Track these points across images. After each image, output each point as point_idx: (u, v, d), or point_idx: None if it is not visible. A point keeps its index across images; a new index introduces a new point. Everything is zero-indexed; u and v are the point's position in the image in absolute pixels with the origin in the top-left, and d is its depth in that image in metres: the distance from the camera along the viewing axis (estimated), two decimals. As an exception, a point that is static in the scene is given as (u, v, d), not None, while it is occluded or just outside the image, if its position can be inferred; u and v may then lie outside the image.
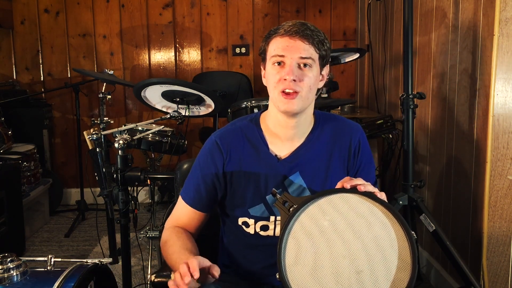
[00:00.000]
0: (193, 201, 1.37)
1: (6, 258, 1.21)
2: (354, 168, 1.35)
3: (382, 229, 1.04)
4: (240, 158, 1.33)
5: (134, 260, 2.73)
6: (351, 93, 4.19)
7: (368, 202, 1.07)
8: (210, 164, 1.34)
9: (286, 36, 1.22)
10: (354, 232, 1.05)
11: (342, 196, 1.08)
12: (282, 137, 1.33)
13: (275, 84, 1.24)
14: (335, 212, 1.07)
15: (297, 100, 1.23)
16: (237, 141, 1.34)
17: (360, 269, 1.03)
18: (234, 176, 1.34)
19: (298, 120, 1.29)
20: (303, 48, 1.21)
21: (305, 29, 1.22)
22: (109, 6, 3.98)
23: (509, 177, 1.85)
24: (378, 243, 1.04)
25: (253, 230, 1.35)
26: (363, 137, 1.38)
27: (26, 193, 3.23)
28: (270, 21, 4.02)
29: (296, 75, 1.21)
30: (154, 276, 1.36)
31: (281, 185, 1.32)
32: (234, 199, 1.35)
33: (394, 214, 1.05)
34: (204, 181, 1.35)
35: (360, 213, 1.06)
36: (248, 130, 1.36)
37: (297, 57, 1.22)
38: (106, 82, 2.96)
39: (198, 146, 4.01)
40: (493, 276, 1.91)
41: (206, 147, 1.37)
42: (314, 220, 1.07)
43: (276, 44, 1.23)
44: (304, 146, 1.33)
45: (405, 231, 1.03)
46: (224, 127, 1.40)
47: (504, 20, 1.77)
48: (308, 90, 1.24)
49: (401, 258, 1.02)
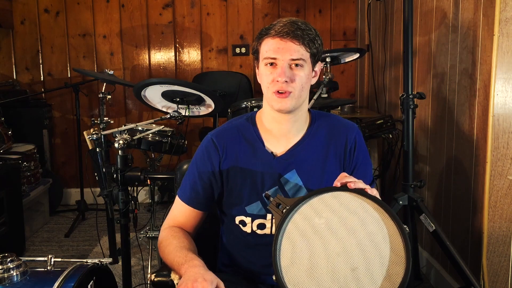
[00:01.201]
0: (189, 199, 1.38)
1: (6, 258, 1.21)
2: (350, 166, 1.36)
3: (375, 225, 1.05)
4: (236, 155, 1.35)
5: (134, 260, 2.73)
6: (351, 93, 4.19)
7: (359, 199, 1.08)
8: (207, 162, 1.36)
9: (277, 38, 1.24)
10: (348, 229, 1.06)
11: (333, 194, 1.09)
12: (277, 134, 1.34)
13: (268, 85, 1.27)
14: (328, 211, 1.08)
15: (290, 99, 1.25)
16: (233, 139, 1.36)
17: (355, 266, 1.03)
18: (230, 174, 1.35)
19: (294, 116, 1.32)
20: (294, 49, 1.23)
21: (295, 29, 1.23)
22: (109, 6, 3.98)
23: (509, 177, 1.85)
24: (371, 239, 1.04)
25: (250, 229, 1.36)
26: (360, 136, 1.39)
27: (26, 193, 3.23)
28: (270, 21, 3.99)
29: (288, 76, 1.24)
30: (154, 276, 1.36)
31: (277, 182, 1.33)
32: (231, 197, 1.36)
33: (385, 209, 1.06)
34: (201, 179, 1.36)
35: (353, 210, 1.07)
36: (244, 128, 1.37)
37: (288, 59, 1.24)
38: (106, 82, 2.96)
39: (198, 146, 3.99)
40: (493, 276, 1.91)
41: (203, 145, 1.39)
42: (307, 220, 1.08)
43: (268, 45, 1.25)
44: (300, 144, 1.35)
45: (398, 226, 1.04)
46: (221, 126, 1.42)
47: (504, 20, 1.77)
48: (300, 89, 1.27)
49: (395, 252, 1.03)
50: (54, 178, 3.79)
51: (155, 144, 2.61)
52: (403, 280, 1.00)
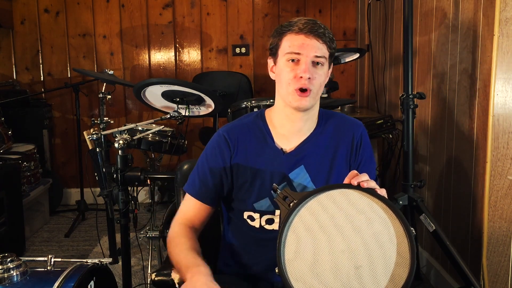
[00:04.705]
0: (199, 193, 1.38)
1: (6, 258, 1.21)
2: (356, 163, 1.37)
3: (382, 225, 1.05)
4: (247, 152, 1.35)
5: (134, 260, 2.73)
6: (351, 93, 4.19)
7: (368, 198, 1.08)
8: (218, 157, 1.36)
9: (302, 34, 1.25)
10: (354, 227, 1.05)
11: (342, 191, 1.09)
12: (288, 131, 1.35)
13: (289, 81, 1.27)
14: (335, 208, 1.07)
15: (309, 98, 1.27)
16: (244, 136, 1.37)
17: (359, 264, 1.03)
18: (240, 170, 1.35)
19: (306, 115, 1.33)
20: (317, 47, 1.26)
21: (318, 27, 1.26)
22: (109, 6, 3.98)
23: (509, 177, 1.85)
24: (377, 239, 1.04)
25: (258, 223, 1.36)
26: (365, 133, 1.41)
27: (26, 193, 3.23)
28: (270, 21, 4.02)
29: (311, 73, 1.25)
30: (155, 275, 1.36)
31: (286, 178, 1.34)
32: (240, 193, 1.37)
33: (394, 210, 1.05)
34: (212, 173, 1.36)
35: (360, 209, 1.07)
36: (254, 125, 1.38)
37: (312, 56, 1.25)
38: (106, 82, 2.96)
39: (198, 146, 4.01)
40: (493, 276, 1.91)
41: (214, 140, 1.39)
42: (314, 215, 1.08)
43: (291, 41, 1.26)
44: (309, 140, 1.36)
45: (404, 228, 1.03)
46: (230, 122, 1.43)
47: (504, 20, 1.77)
48: (319, 87, 1.29)
49: (400, 254, 1.02)
50: (54, 178, 3.79)
51: (155, 144, 2.61)
52: (406, 282, 1.00)
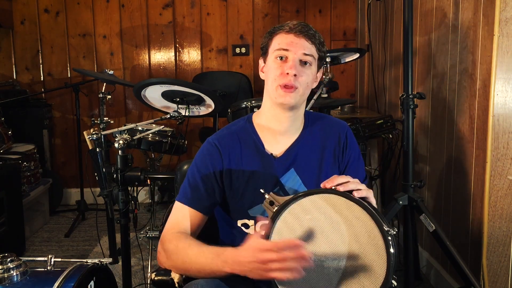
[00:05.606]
0: (192, 201, 1.34)
1: (6, 258, 1.21)
2: (343, 163, 1.39)
3: (360, 226, 1.09)
4: (238, 159, 1.35)
5: (134, 260, 2.73)
6: (351, 93, 4.19)
7: (346, 200, 1.12)
8: (209, 166, 1.34)
9: (292, 33, 1.28)
10: (334, 228, 1.10)
11: (322, 196, 1.14)
12: (276, 132, 1.36)
13: (275, 77, 1.29)
14: (316, 210, 1.12)
15: (294, 94, 1.28)
16: (234, 143, 1.36)
17: (340, 263, 1.08)
18: (233, 178, 1.34)
19: (293, 115, 1.34)
20: (306, 46, 1.28)
21: (309, 29, 1.30)
22: (109, 6, 3.98)
23: (509, 177, 1.85)
24: (356, 239, 1.09)
25: (253, 231, 1.35)
26: (350, 133, 1.42)
27: (26, 193, 3.23)
28: (270, 21, 4.02)
29: (297, 71, 1.26)
30: (155, 275, 1.36)
31: (278, 183, 1.34)
32: (233, 201, 1.36)
33: (368, 211, 1.09)
34: (203, 182, 1.34)
35: (338, 210, 1.11)
36: (243, 132, 1.38)
37: (300, 53, 1.27)
38: (106, 82, 2.96)
39: (198, 146, 4.01)
40: (493, 276, 1.91)
41: (204, 150, 1.37)
42: (296, 218, 1.13)
43: (281, 39, 1.29)
44: (297, 143, 1.37)
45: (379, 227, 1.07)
46: (219, 130, 1.42)
47: (504, 20, 1.77)
48: (305, 86, 1.30)
49: (377, 253, 1.06)
50: (54, 178, 3.79)
51: (155, 144, 2.61)
52: (385, 280, 1.04)
